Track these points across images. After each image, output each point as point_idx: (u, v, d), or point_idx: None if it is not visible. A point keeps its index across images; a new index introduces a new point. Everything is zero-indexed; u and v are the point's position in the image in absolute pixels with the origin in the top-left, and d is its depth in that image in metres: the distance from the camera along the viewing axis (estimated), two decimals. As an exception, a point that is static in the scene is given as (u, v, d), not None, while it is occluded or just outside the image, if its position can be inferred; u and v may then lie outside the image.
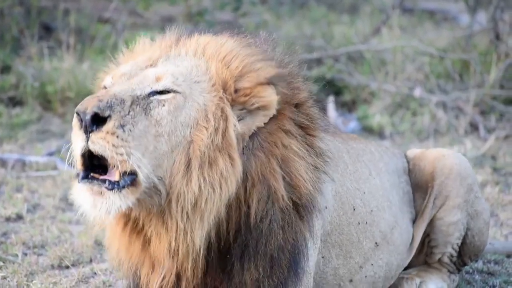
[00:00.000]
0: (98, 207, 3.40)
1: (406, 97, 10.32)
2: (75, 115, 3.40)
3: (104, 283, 5.13)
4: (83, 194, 3.43)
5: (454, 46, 11.02)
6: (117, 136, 3.35)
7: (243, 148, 3.60)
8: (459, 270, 5.09)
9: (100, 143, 3.35)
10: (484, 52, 10.53)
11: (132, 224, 3.65)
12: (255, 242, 3.65)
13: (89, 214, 3.46)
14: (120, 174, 3.39)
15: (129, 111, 3.41)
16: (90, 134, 3.36)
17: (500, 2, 10.49)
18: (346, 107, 10.69)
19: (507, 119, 9.92)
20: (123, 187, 3.40)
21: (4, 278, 5.12)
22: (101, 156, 3.38)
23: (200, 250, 3.59)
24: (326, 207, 4.06)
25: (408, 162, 5.08)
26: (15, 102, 9.81)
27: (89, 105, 3.35)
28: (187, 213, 3.50)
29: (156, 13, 13.39)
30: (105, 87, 3.71)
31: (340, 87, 10.84)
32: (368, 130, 9.90)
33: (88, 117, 3.34)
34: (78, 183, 3.45)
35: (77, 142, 3.41)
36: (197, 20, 11.64)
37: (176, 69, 3.64)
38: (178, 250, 3.57)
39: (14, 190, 7.11)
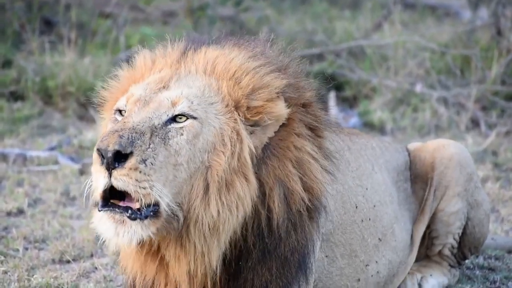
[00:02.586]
0: (121, 236, 3.39)
1: (407, 93, 10.32)
2: (95, 151, 3.39)
3: (105, 277, 5.13)
4: (105, 222, 3.42)
5: (455, 41, 11.01)
6: (140, 171, 3.35)
7: (256, 160, 3.60)
8: (459, 264, 5.09)
9: (123, 179, 3.34)
10: (485, 47, 10.52)
11: (148, 246, 3.62)
12: (274, 245, 3.67)
13: (112, 242, 3.47)
14: (141, 205, 3.40)
15: (149, 144, 3.40)
16: (113, 171, 3.35)
17: (501, -2, 10.48)
18: (347, 103, 10.69)
19: (508, 115, 9.91)
20: (146, 217, 3.40)
21: (5, 272, 5.13)
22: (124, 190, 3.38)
23: (217, 268, 3.60)
24: (326, 206, 4.06)
25: (409, 155, 5.08)
26: (16, 96, 9.81)
27: (110, 143, 3.33)
28: (204, 236, 3.51)
29: (157, 7, 13.36)
30: (119, 110, 3.68)
31: (341, 83, 10.83)
32: (369, 126, 9.90)
33: (110, 154, 3.33)
34: (98, 211, 3.45)
35: (99, 178, 3.40)
36: (198, 15, 11.63)
37: (190, 91, 3.61)
38: (197, 272, 3.58)
39: (15, 185, 7.12)
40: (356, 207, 4.35)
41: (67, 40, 10.44)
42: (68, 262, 5.42)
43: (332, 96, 10.15)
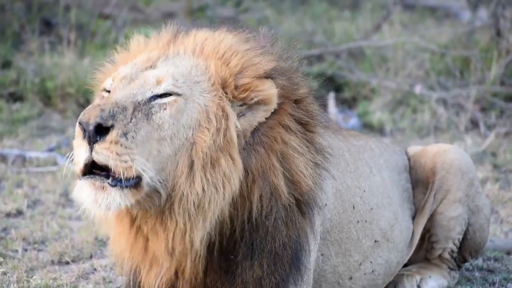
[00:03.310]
0: (99, 202, 3.39)
1: (406, 94, 10.31)
2: (77, 125, 3.40)
3: (104, 279, 5.13)
4: (85, 189, 3.42)
5: (455, 42, 11.01)
6: (121, 145, 3.35)
7: (244, 144, 3.60)
8: (459, 267, 5.09)
9: (104, 153, 3.34)
10: (485, 48, 10.53)
11: (129, 218, 3.63)
12: (261, 239, 3.66)
13: (90, 210, 3.46)
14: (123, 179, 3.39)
15: (131, 118, 3.40)
16: (94, 145, 3.35)
17: (501, -1, 10.49)
18: (347, 104, 10.68)
19: (508, 116, 9.91)
20: (126, 187, 3.40)
21: (4, 273, 5.12)
22: (105, 166, 3.37)
23: (199, 250, 3.59)
24: (326, 205, 4.06)
25: (408, 159, 5.08)
26: (15, 97, 9.81)
27: (91, 116, 3.34)
28: (189, 214, 3.50)
29: (157, 8, 13.37)
30: (106, 90, 3.70)
31: (341, 84, 10.83)
32: (368, 127, 9.90)
33: (91, 127, 3.34)
34: (79, 180, 3.44)
35: (81, 152, 3.40)
36: (198, 16, 11.64)
37: (176, 70, 3.63)
38: (174, 249, 3.57)
39: (15, 186, 7.12)
40: (354, 207, 4.35)
41: (66, 41, 10.44)
42: (67, 263, 5.42)
43: (331, 97, 10.14)
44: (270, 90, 3.63)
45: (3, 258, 5.37)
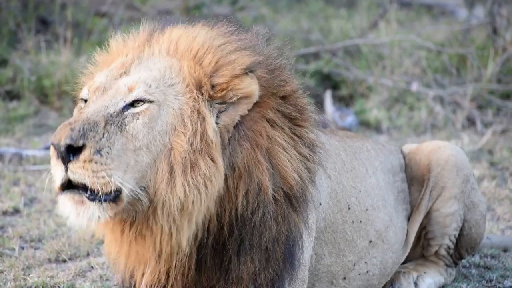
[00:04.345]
0: (81, 216, 3.42)
1: (403, 92, 10.33)
2: (51, 145, 3.39)
3: (101, 277, 5.13)
4: (66, 204, 3.45)
5: (451, 40, 11.04)
6: (95, 162, 3.33)
7: (228, 139, 3.58)
8: (455, 264, 5.10)
9: (79, 172, 3.34)
10: (481, 46, 10.54)
11: (125, 230, 3.63)
12: (249, 235, 3.64)
13: (74, 224, 3.49)
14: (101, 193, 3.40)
15: (103, 134, 3.38)
16: (68, 164, 3.35)
17: (497, -3, 10.51)
18: (344, 102, 10.69)
19: (504, 114, 9.93)
20: (105, 200, 3.39)
21: (1, 272, 5.12)
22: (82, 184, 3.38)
23: (187, 250, 3.59)
24: (320, 204, 4.05)
25: (404, 157, 5.08)
26: (12, 96, 9.80)
27: (62, 136, 3.33)
28: (173, 218, 3.49)
29: (153, 7, 13.35)
30: (83, 99, 3.68)
31: (337, 82, 10.84)
32: (365, 125, 9.91)
33: (62, 149, 3.33)
34: (59, 195, 3.46)
35: (57, 172, 3.40)
36: (194, 14, 11.63)
37: (149, 74, 3.59)
38: (162, 252, 3.57)
39: (11, 184, 7.11)
40: (349, 208, 4.34)
41: (63, 39, 10.43)
42: (64, 261, 5.41)
43: (328, 95, 10.15)
44: (250, 87, 3.60)
45: (0, 256, 5.36)
